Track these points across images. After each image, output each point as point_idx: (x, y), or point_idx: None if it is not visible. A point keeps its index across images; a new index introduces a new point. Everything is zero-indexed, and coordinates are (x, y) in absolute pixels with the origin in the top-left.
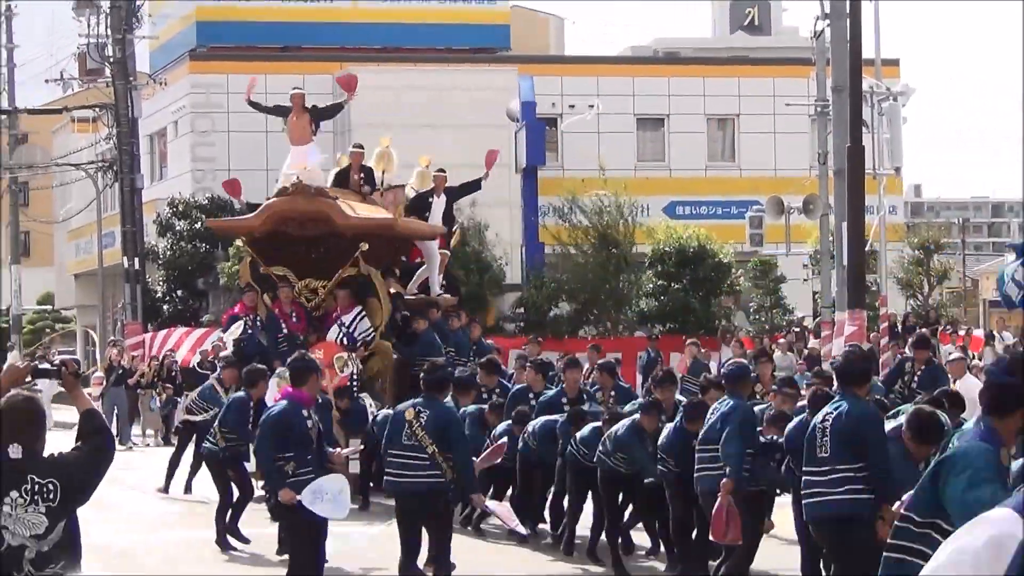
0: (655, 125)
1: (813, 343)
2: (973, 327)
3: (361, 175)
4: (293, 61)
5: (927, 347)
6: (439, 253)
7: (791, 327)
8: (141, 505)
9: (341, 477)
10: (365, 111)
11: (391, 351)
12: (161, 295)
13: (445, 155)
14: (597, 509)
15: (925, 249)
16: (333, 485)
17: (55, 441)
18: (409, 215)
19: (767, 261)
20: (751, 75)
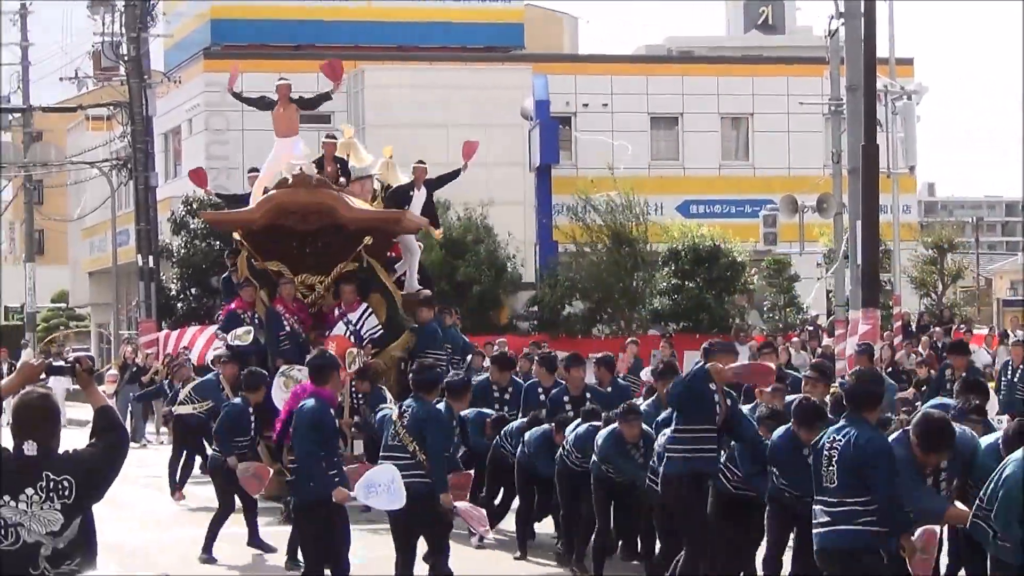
0: (669, 124)
1: (827, 342)
2: (987, 326)
3: (337, 166)
4: (307, 59)
5: (965, 352)
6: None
7: (805, 326)
8: (155, 503)
9: (391, 467)
10: (379, 110)
11: (395, 348)
12: (175, 293)
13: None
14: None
15: (939, 248)
16: (384, 476)
17: (70, 438)
18: (388, 207)
19: (781, 260)
20: (765, 74)
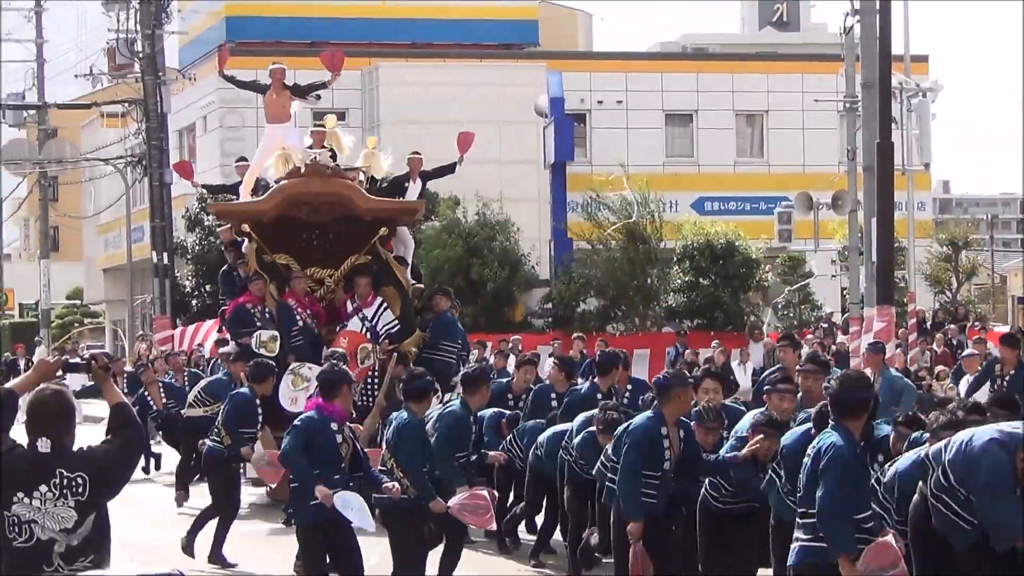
0: (684, 121)
1: (841, 339)
2: (1001, 324)
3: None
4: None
5: (1016, 346)
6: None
7: (819, 323)
8: (168, 500)
9: (356, 495)
10: (393, 106)
11: (410, 344)
12: (190, 290)
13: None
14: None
15: (953, 245)
16: (354, 499)
17: (86, 434)
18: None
19: (795, 257)
20: (780, 71)
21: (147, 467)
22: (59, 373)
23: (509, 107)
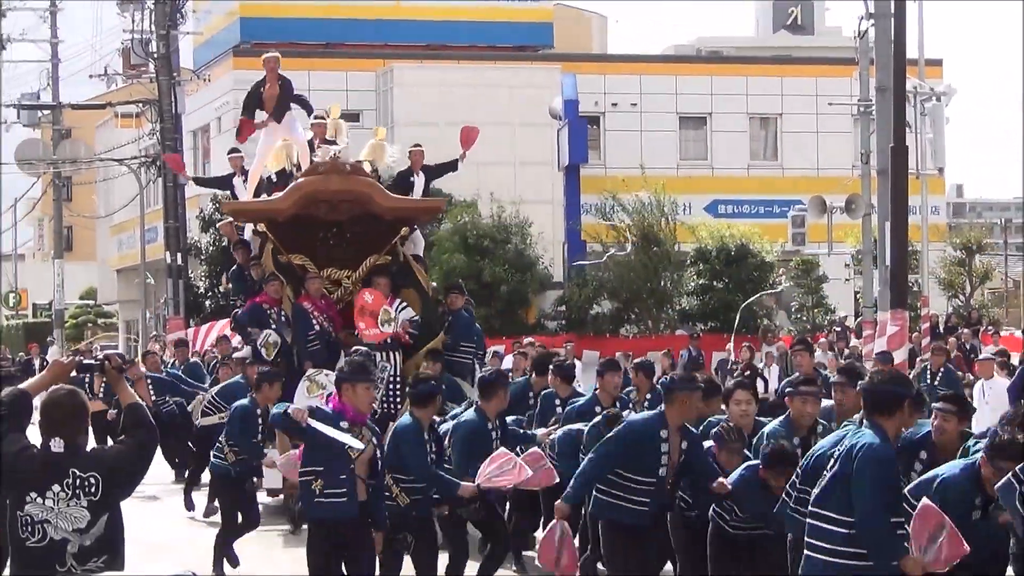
0: (698, 124)
1: (854, 343)
2: (1015, 329)
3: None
4: (336, 58)
5: None
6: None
7: (832, 327)
8: (181, 499)
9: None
10: (408, 108)
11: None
12: (203, 290)
13: (487, 153)
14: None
15: (967, 249)
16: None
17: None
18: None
19: (809, 260)
20: (794, 74)
21: None
22: (73, 374)
23: (523, 109)
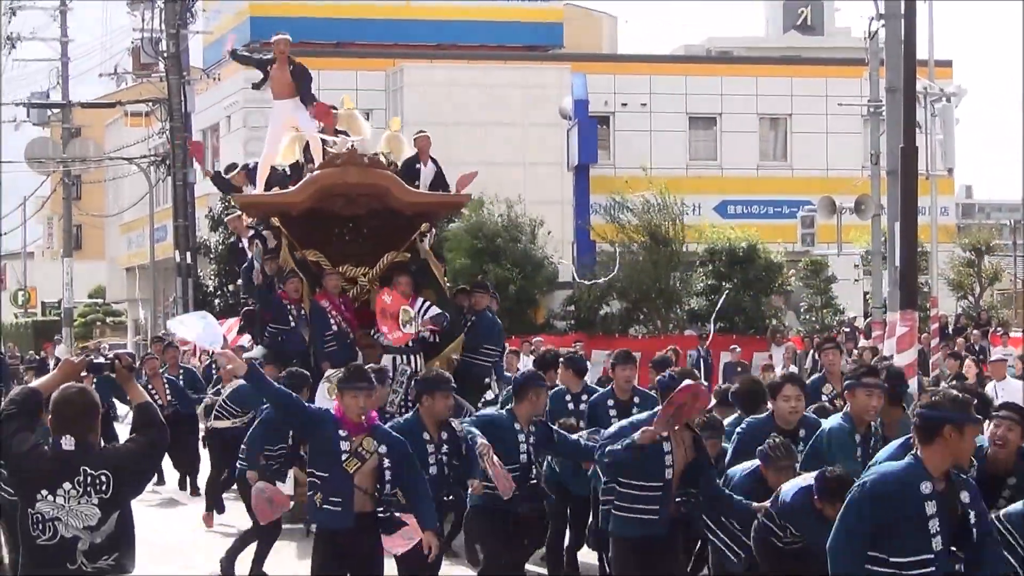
0: (707, 124)
1: (863, 343)
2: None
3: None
4: (346, 57)
5: None
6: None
7: (841, 327)
8: (190, 500)
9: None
10: (418, 107)
11: (452, 350)
12: (213, 289)
13: (497, 152)
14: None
15: (976, 250)
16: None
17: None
18: None
19: (818, 261)
20: (804, 75)
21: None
22: (84, 373)
23: (533, 109)
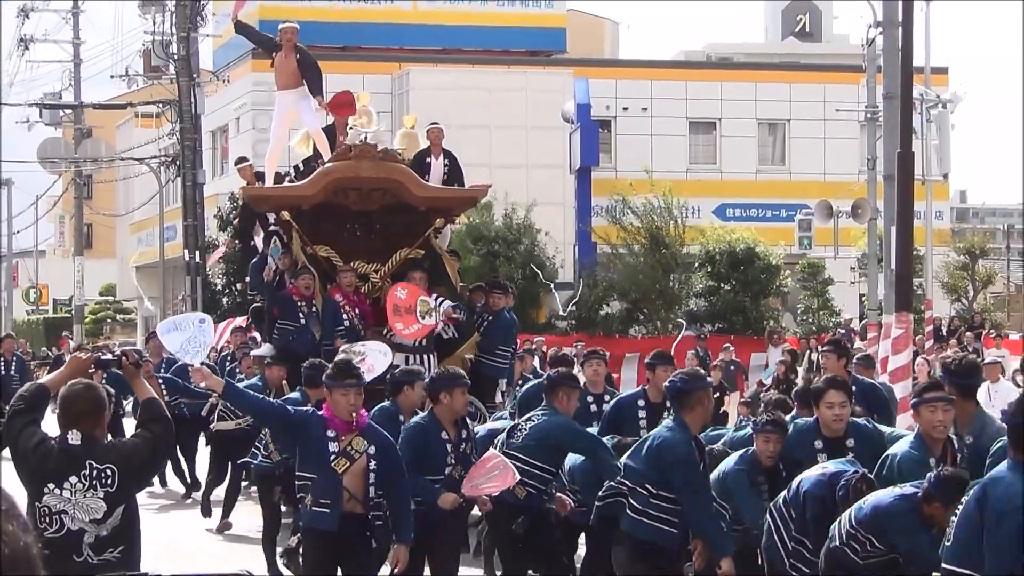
0: (707, 128)
1: (859, 345)
2: (1015, 331)
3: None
4: (353, 61)
5: None
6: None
7: (837, 329)
8: (195, 498)
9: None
10: (423, 110)
11: (466, 350)
12: (221, 288)
13: (501, 155)
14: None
15: (970, 254)
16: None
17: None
18: None
19: (815, 263)
20: (802, 81)
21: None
22: (92, 369)
23: (537, 112)
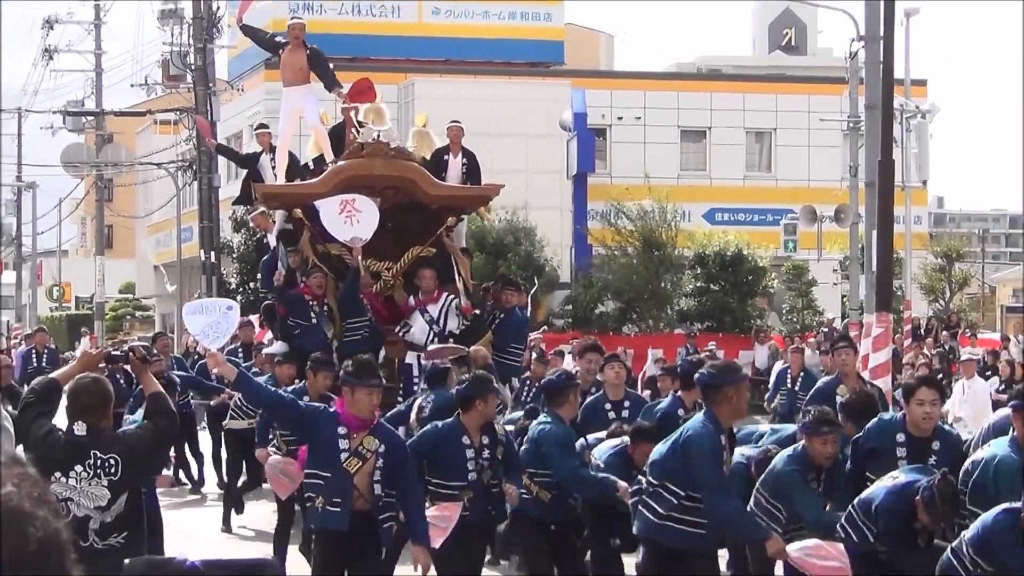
0: (697, 137)
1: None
2: (989, 331)
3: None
4: (361, 71)
5: None
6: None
7: (820, 328)
8: (205, 489)
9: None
10: (428, 119)
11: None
12: (235, 286)
13: (502, 161)
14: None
15: (947, 257)
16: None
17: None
18: None
19: (800, 266)
20: (788, 92)
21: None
22: (102, 364)
23: (536, 121)
